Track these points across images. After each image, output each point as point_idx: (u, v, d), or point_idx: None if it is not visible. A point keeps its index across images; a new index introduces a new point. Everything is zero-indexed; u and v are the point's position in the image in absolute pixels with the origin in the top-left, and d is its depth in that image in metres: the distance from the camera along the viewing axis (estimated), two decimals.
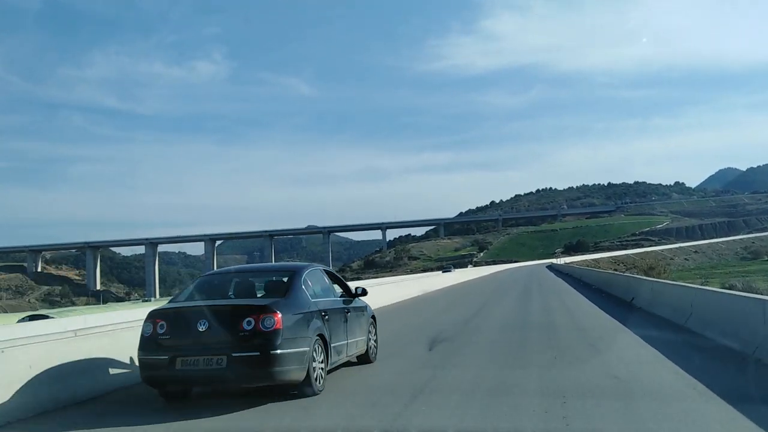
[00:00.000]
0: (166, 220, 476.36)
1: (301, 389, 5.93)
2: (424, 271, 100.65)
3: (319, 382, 6.15)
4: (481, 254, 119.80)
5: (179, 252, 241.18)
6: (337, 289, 7.77)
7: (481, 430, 4.74)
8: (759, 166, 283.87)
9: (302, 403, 5.76)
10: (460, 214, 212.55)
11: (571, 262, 66.46)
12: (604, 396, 5.55)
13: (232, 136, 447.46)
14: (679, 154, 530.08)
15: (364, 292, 8.08)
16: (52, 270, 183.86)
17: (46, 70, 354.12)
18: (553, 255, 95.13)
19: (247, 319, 5.62)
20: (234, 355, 5.50)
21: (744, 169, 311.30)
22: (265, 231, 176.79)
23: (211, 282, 7.27)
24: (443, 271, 62.37)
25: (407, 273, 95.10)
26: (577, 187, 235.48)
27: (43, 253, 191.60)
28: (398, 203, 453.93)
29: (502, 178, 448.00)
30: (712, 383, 5.79)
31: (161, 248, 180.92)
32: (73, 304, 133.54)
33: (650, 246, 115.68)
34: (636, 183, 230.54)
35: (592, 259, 77.99)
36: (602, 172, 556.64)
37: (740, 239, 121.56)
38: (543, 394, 5.73)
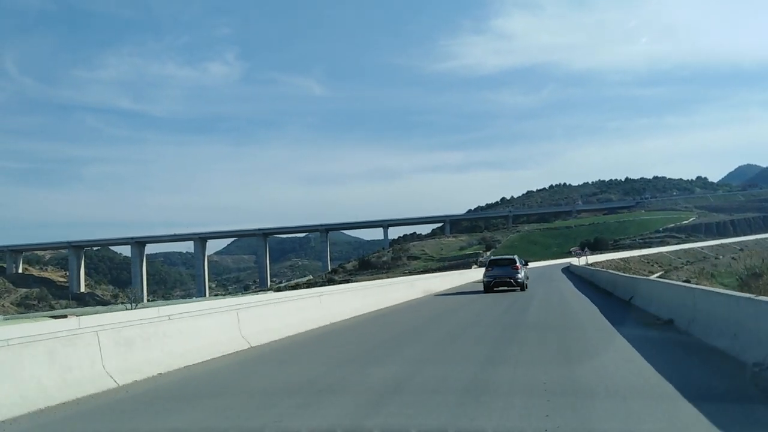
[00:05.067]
0: (176, 220, 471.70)
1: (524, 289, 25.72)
2: (425, 272, 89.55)
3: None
4: (488, 253, 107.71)
5: (186, 252, 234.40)
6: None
7: None
8: None
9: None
10: (469, 211, 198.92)
11: (595, 263, 54.22)
12: None
13: (245, 137, 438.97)
14: (695, 152, 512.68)
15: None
16: (34, 271, 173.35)
17: (60, 72, 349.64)
18: (569, 254, 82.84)
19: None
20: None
21: (765, 165, 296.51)
22: (259, 229, 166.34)
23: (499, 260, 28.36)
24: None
25: (405, 274, 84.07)
26: (592, 182, 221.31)
27: (33, 253, 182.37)
28: (409, 203, 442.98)
29: (514, 178, 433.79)
30: None
31: (166, 248, 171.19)
32: (52, 308, 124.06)
33: (678, 243, 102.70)
34: (655, 178, 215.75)
35: (619, 259, 65.52)
36: (616, 171, 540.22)
37: None
38: None
